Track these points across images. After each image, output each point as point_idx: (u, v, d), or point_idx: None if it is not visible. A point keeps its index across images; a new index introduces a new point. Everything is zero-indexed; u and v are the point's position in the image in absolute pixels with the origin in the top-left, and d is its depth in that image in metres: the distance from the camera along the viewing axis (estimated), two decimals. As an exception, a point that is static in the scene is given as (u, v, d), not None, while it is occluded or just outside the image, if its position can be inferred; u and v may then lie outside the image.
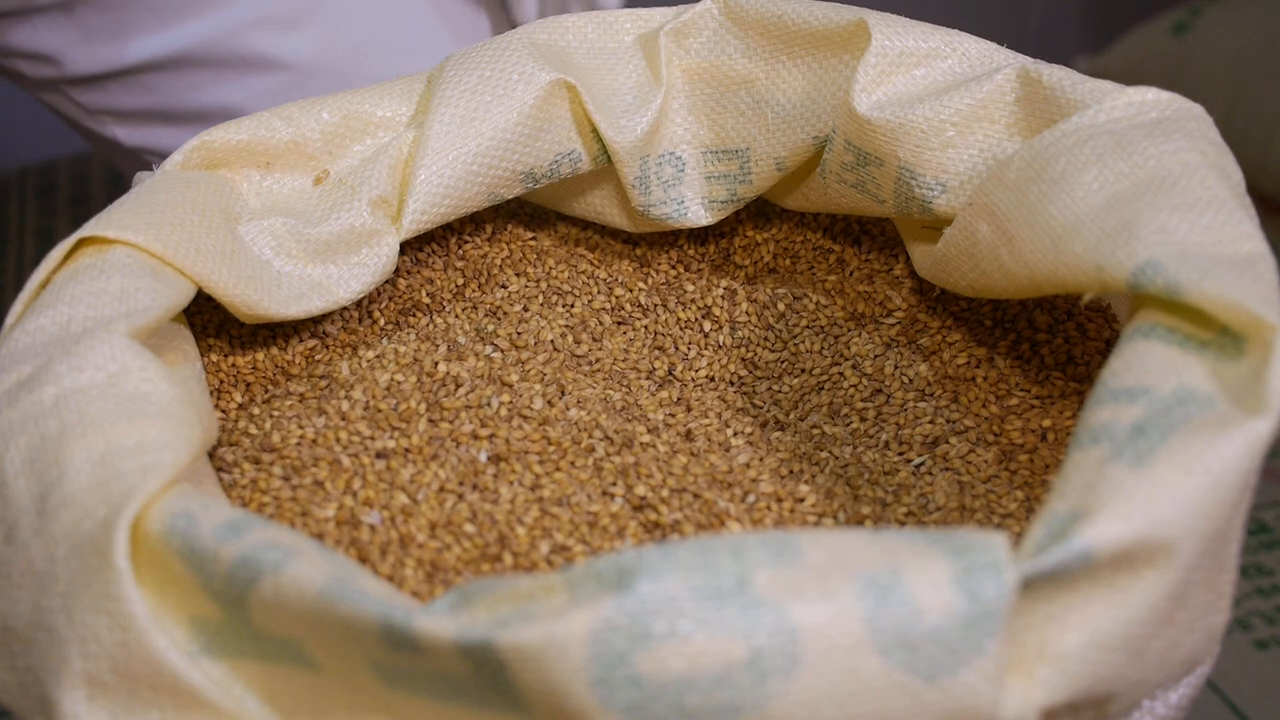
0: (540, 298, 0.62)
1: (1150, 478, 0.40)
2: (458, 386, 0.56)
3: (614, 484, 0.53)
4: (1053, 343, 0.58)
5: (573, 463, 0.54)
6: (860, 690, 0.38)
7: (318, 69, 0.77)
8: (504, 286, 0.63)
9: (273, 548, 0.42)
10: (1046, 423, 0.55)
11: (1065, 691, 0.40)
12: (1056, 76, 0.55)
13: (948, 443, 0.56)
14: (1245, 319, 0.44)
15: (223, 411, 0.57)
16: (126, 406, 0.47)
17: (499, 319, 0.61)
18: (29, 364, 0.48)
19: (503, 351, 0.59)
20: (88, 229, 0.52)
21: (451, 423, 0.54)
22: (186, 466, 0.46)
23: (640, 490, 0.52)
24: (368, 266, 0.58)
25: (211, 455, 0.54)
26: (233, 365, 0.58)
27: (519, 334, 0.60)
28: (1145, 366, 0.44)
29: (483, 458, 0.53)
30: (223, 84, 0.77)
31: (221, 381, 0.58)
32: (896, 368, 0.59)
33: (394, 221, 0.59)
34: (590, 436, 0.55)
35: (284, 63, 0.77)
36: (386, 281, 0.62)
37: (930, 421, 0.57)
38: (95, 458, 0.45)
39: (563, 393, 0.57)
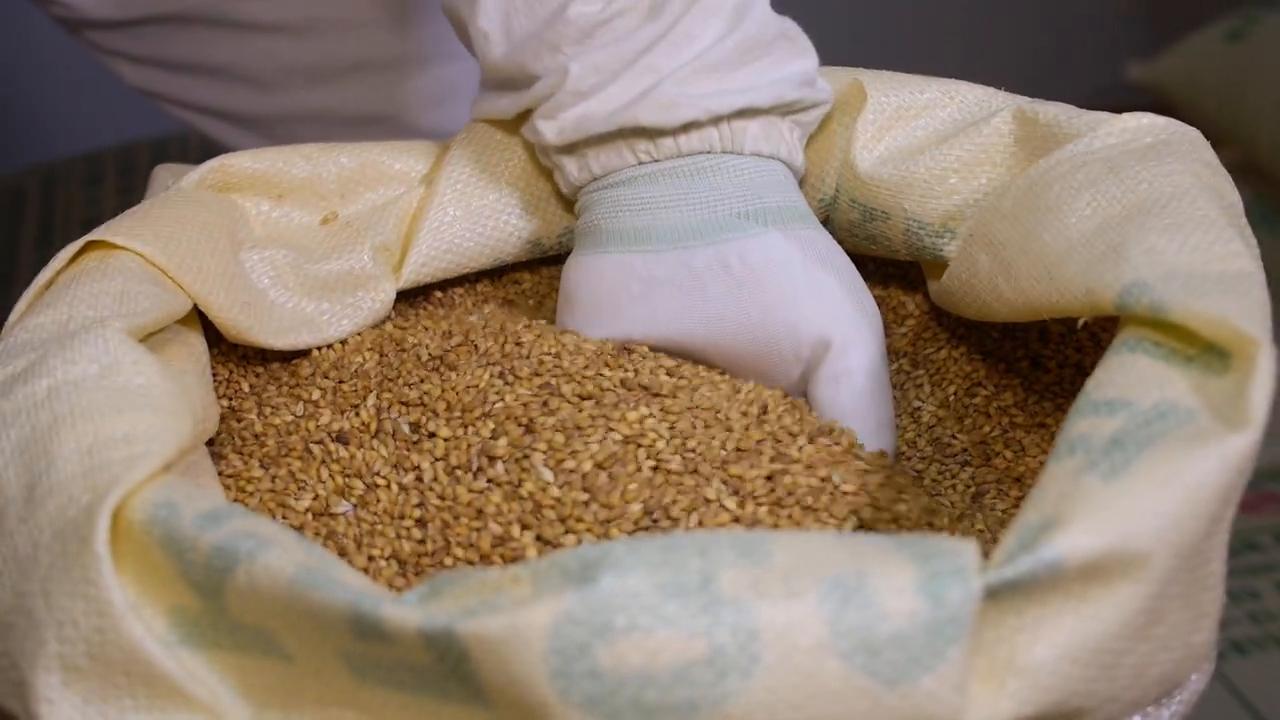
0: (553, 296, 0.63)
1: (1124, 490, 0.40)
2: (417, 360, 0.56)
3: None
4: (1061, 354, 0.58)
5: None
6: (820, 693, 0.38)
7: (307, 32, 0.80)
8: (517, 284, 0.64)
9: (249, 537, 0.42)
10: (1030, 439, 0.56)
11: (1034, 704, 0.40)
12: (1052, 113, 0.56)
13: (944, 461, 0.56)
14: (1229, 334, 0.43)
15: (229, 400, 0.58)
16: (117, 398, 0.47)
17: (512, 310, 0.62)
18: (25, 358, 0.49)
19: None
20: (97, 233, 0.54)
21: (401, 399, 0.55)
22: (175, 458, 0.46)
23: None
24: (361, 309, 0.59)
25: (210, 444, 0.55)
26: (242, 356, 0.59)
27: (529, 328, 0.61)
28: (1128, 379, 0.44)
29: (405, 429, 0.53)
30: (220, 42, 0.81)
31: (231, 371, 0.59)
32: (902, 390, 0.60)
33: (394, 271, 0.60)
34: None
35: (275, 26, 0.80)
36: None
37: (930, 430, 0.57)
38: (84, 447, 0.46)
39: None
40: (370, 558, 0.50)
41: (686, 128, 0.56)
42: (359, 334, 0.60)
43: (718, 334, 0.56)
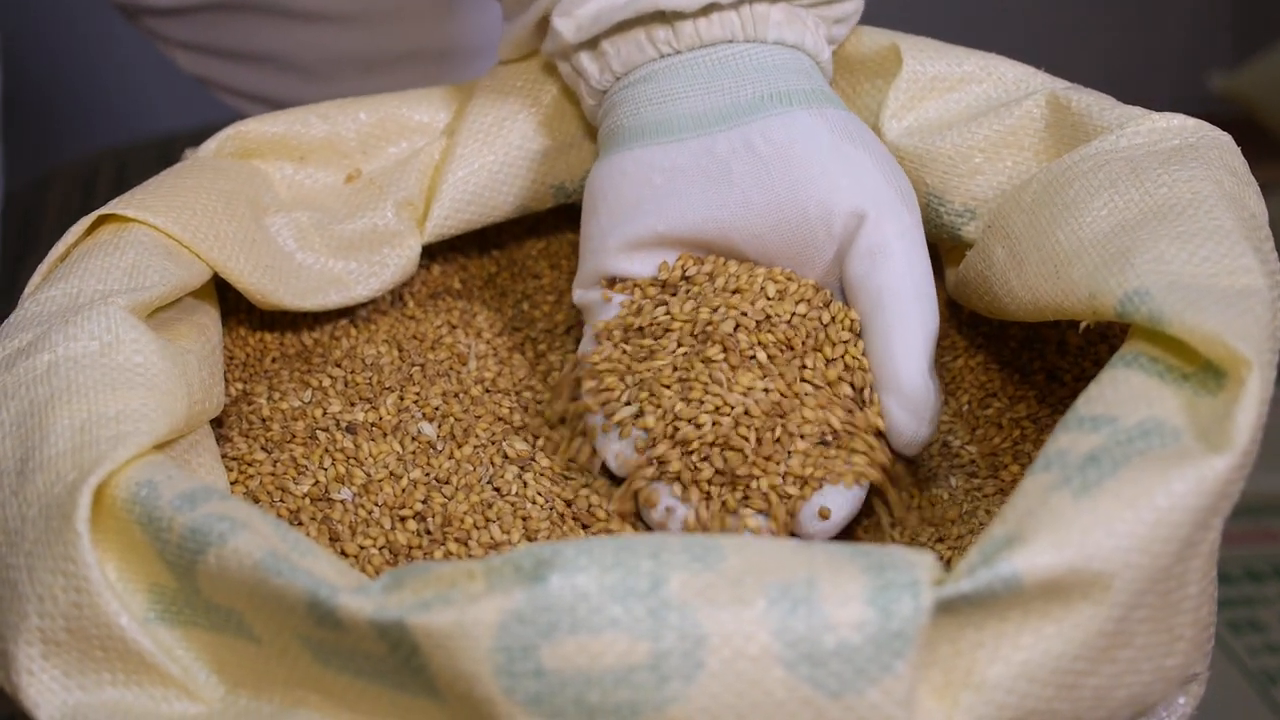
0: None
1: (1091, 508, 0.39)
2: (438, 365, 0.57)
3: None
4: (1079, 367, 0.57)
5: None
6: (762, 701, 0.38)
7: (355, 22, 0.80)
8: (536, 278, 0.64)
9: (222, 519, 0.43)
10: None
11: (989, 721, 0.39)
12: (1086, 102, 0.54)
13: (951, 477, 0.55)
14: (1223, 352, 0.42)
15: (243, 384, 0.58)
16: (114, 376, 0.48)
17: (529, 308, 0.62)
18: (31, 332, 0.50)
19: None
20: (109, 207, 0.54)
21: (417, 398, 0.55)
22: (166, 437, 0.47)
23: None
24: (388, 266, 0.59)
25: (220, 426, 0.56)
26: (260, 340, 0.60)
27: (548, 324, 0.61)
28: (1118, 395, 0.43)
29: (428, 431, 0.54)
30: (271, 30, 0.82)
31: (248, 355, 0.59)
32: None
33: (419, 225, 0.59)
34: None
35: (324, 15, 0.81)
36: (420, 267, 0.63)
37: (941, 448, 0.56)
38: (77, 424, 0.46)
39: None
40: (362, 546, 0.50)
41: (707, 10, 0.54)
42: (373, 323, 0.60)
43: (745, 220, 0.54)
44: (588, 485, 0.53)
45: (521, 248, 0.65)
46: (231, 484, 0.53)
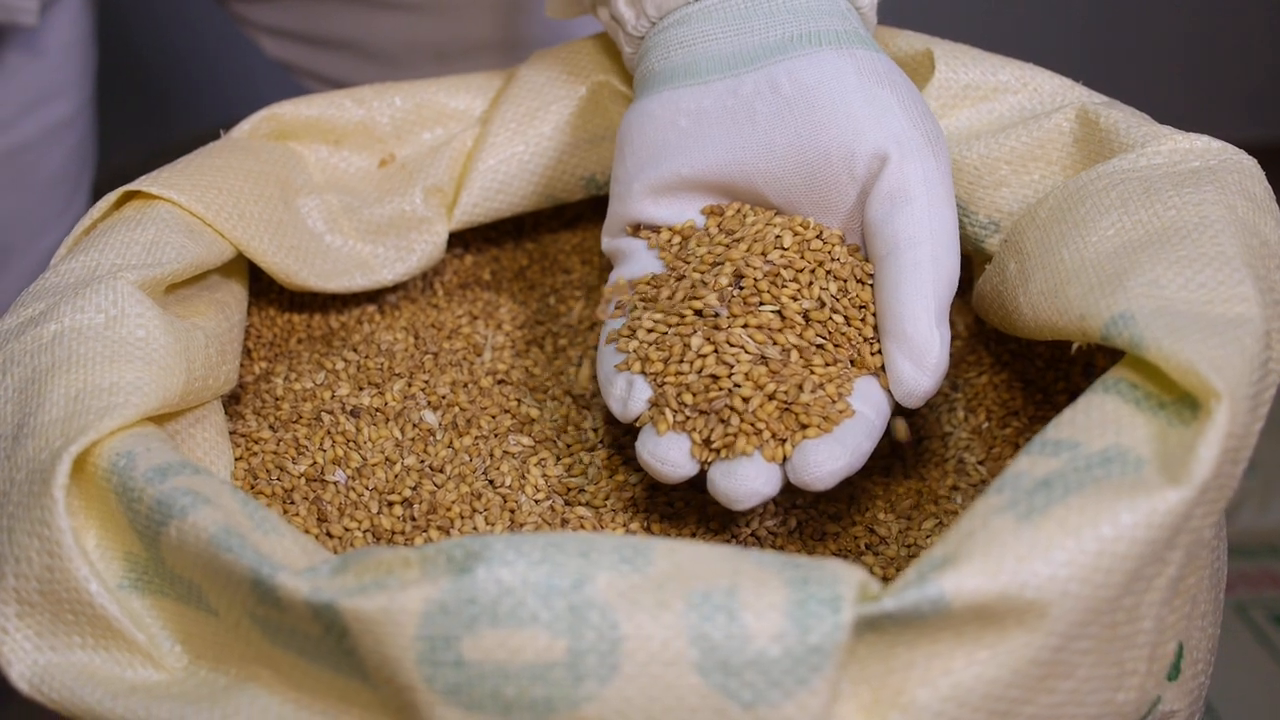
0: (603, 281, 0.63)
1: (1031, 534, 0.38)
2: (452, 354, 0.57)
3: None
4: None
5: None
6: (674, 707, 0.37)
7: (433, 11, 0.81)
8: (567, 272, 0.64)
9: (187, 493, 0.44)
10: None
11: (917, 743, 0.39)
12: (1115, 118, 0.53)
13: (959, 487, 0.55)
14: (1195, 382, 0.41)
15: (266, 363, 0.60)
16: (114, 349, 0.49)
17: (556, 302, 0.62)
18: (45, 302, 0.51)
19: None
20: (136, 183, 0.56)
21: (425, 385, 0.56)
22: (157, 410, 0.48)
23: None
24: (414, 251, 0.59)
25: (235, 403, 0.57)
26: (288, 321, 0.61)
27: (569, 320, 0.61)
28: (1088, 421, 0.42)
29: (430, 419, 0.54)
30: (351, 17, 0.83)
31: (275, 335, 0.60)
32: (935, 413, 0.58)
33: (447, 212, 0.60)
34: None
35: (403, 4, 0.81)
36: (453, 256, 0.64)
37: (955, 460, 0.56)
38: (72, 393, 0.48)
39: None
40: (347, 528, 0.51)
41: None
42: (398, 310, 0.61)
43: (767, 162, 0.53)
44: (587, 482, 0.53)
45: (556, 242, 0.65)
46: (236, 460, 0.54)
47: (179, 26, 1.34)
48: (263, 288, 0.61)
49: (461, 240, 0.64)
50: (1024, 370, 0.58)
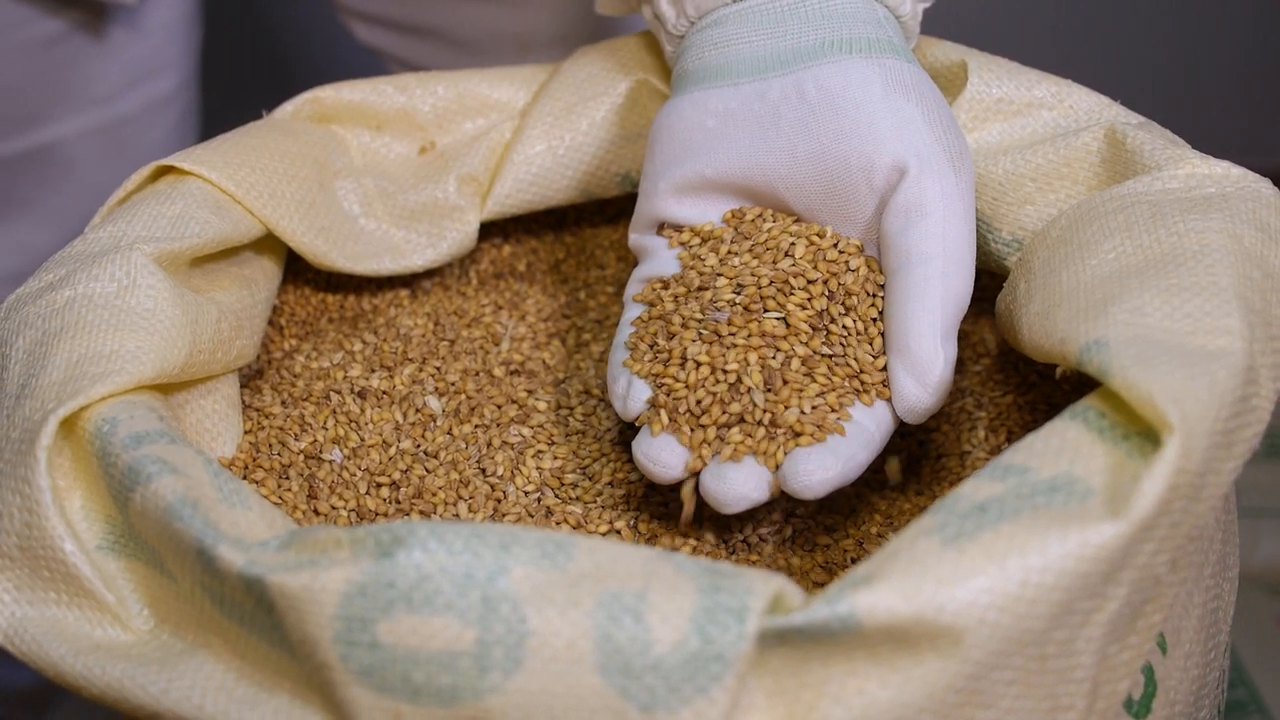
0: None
1: (955, 558, 0.38)
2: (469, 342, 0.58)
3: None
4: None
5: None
6: (574, 705, 0.37)
7: (510, 1, 0.82)
8: (601, 268, 0.64)
9: (155, 461, 0.45)
10: None
11: (827, 762, 0.38)
12: (1141, 139, 0.52)
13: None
14: (1151, 414, 0.40)
15: (296, 339, 0.61)
16: (120, 317, 0.50)
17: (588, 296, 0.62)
18: (65, 268, 0.53)
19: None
20: (170, 159, 0.57)
21: (435, 371, 0.56)
22: (152, 379, 0.49)
23: None
24: (445, 238, 0.60)
25: (258, 377, 0.58)
26: (321, 300, 0.62)
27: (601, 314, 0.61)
28: (1046, 447, 0.41)
29: (432, 405, 0.55)
30: (439, 6, 0.84)
31: (308, 314, 0.61)
32: (957, 430, 0.57)
33: (481, 201, 0.61)
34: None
35: None
36: (491, 245, 0.64)
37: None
38: (74, 358, 0.49)
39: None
40: (334, 506, 0.52)
41: None
42: (428, 296, 0.61)
43: (789, 168, 0.53)
44: (582, 477, 0.54)
45: (595, 236, 0.65)
46: (245, 433, 0.55)
47: (281, 10, 1.37)
48: (302, 266, 0.63)
49: (502, 230, 0.65)
50: (1050, 393, 0.57)
